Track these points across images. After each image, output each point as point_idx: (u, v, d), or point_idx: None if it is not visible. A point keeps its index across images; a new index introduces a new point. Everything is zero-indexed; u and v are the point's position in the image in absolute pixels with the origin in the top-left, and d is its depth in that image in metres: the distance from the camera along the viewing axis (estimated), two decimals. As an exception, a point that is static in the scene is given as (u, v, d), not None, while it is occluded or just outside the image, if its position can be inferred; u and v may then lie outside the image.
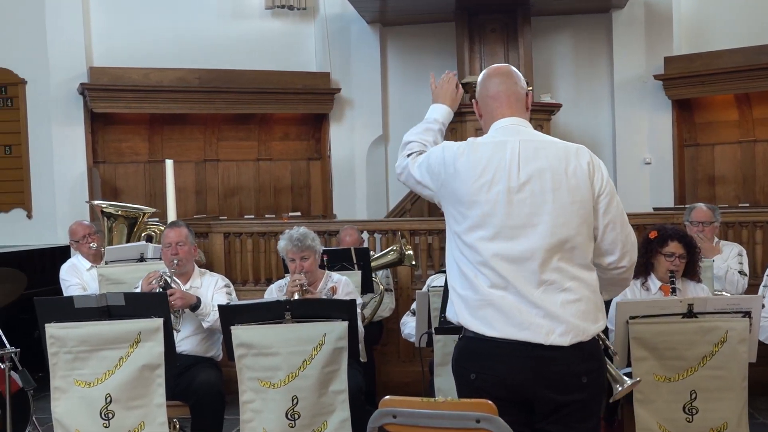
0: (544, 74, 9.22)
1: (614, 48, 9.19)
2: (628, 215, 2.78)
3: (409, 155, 2.90)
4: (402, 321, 4.81)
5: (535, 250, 2.55)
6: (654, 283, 4.46)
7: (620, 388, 3.17)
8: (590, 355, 2.59)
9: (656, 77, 8.96)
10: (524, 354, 2.51)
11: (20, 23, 8.47)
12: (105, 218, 5.94)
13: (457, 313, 2.66)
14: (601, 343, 2.82)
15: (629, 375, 3.71)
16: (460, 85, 3.13)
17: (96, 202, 6.64)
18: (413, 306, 4.72)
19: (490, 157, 2.63)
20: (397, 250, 5.77)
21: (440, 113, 3.04)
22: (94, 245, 5.71)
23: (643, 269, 4.47)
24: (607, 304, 3.34)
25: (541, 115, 8.03)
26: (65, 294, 5.67)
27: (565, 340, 2.51)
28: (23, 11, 8.46)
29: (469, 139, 2.73)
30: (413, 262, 5.83)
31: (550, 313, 2.52)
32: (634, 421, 3.70)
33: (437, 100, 3.08)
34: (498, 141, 2.68)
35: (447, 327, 3.75)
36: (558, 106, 8.37)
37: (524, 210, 2.57)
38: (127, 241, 5.87)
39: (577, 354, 2.54)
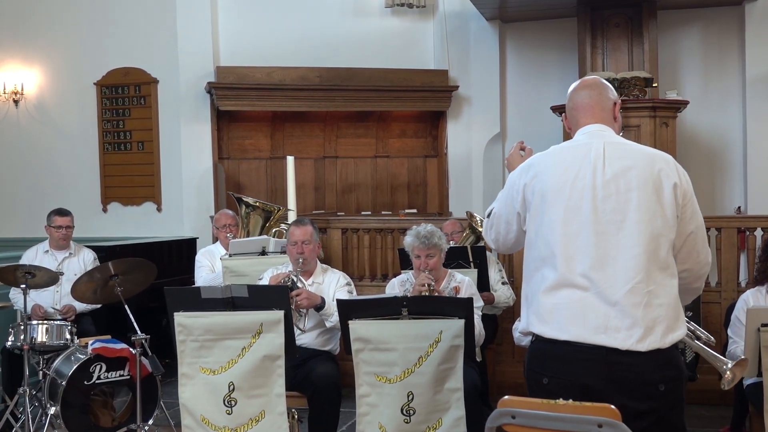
0: (670, 70, 8.89)
1: (747, 42, 8.75)
2: (759, 218, 2.69)
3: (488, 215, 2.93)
4: (513, 326, 4.74)
5: (620, 249, 2.52)
6: (780, 288, 4.23)
7: (727, 368, 2.98)
8: (668, 362, 2.53)
9: (793, 72, 8.49)
10: (598, 358, 2.48)
11: (154, 26, 8.91)
12: (243, 206, 6.16)
13: (528, 321, 2.65)
14: (692, 331, 2.74)
15: (759, 386, 3.56)
16: (526, 147, 3.12)
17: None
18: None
19: (574, 156, 2.66)
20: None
21: None
22: (230, 236, 5.96)
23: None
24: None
25: (667, 113, 7.74)
26: (196, 273, 5.99)
27: (642, 346, 2.47)
28: (157, 15, 8.89)
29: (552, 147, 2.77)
30: None
31: (629, 316, 2.47)
32: (765, 434, 3.52)
33: (511, 168, 3.08)
34: (582, 143, 2.70)
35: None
36: (685, 104, 8.05)
37: (609, 206, 2.55)
38: (261, 232, 6.08)
39: (653, 361, 2.48)
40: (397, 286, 4.70)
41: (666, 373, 2.51)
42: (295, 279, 4.51)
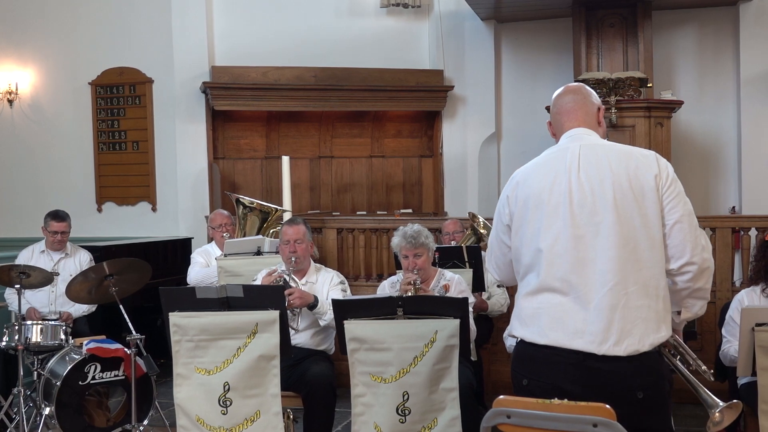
0: (665, 70, 8.91)
1: (741, 42, 8.76)
2: (754, 218, 2.67)
3: None
4: (504, 335, 4.73)
5: (597, 252, 2.52)
6: (776, 288, 4.22)
7: (716, 409, 2.89)
8: (648, 368, 2.50)
9: (787, 72, 8.50)
10: (576, 363, 2.48)
11: (149, 26, 8.91)
12: (241, 207, 6.16)
13: (511, 325, 2.71)
14: (679, 355, 2.70)
15: (754, 385, 3.56)
16: None
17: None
18: None
19: (552, 162, 2.68)
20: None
21: None
22: (226, 235, 5.96)
23: (763, 274, 4.25)
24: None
25: (662, 113, 7.75)
26: (189, 269, 5.98)
27: (619, 350, 2.45)
28: (152, 15, 8.90)
29: None
30: None
31: (605, 319, 2.47)
32: (759, 433, 3.53)
33: None
34: (561, 147, 2.72)
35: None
36: (679, 104, 8.07)
37: (585, 210, 2.55)
38: (258, 233, 6.08)
39: (632, 366, 2.46)
40: (387, 288, 4.70)
41: (645, 380, 2.49)
42: (287, 278, 4.51)
